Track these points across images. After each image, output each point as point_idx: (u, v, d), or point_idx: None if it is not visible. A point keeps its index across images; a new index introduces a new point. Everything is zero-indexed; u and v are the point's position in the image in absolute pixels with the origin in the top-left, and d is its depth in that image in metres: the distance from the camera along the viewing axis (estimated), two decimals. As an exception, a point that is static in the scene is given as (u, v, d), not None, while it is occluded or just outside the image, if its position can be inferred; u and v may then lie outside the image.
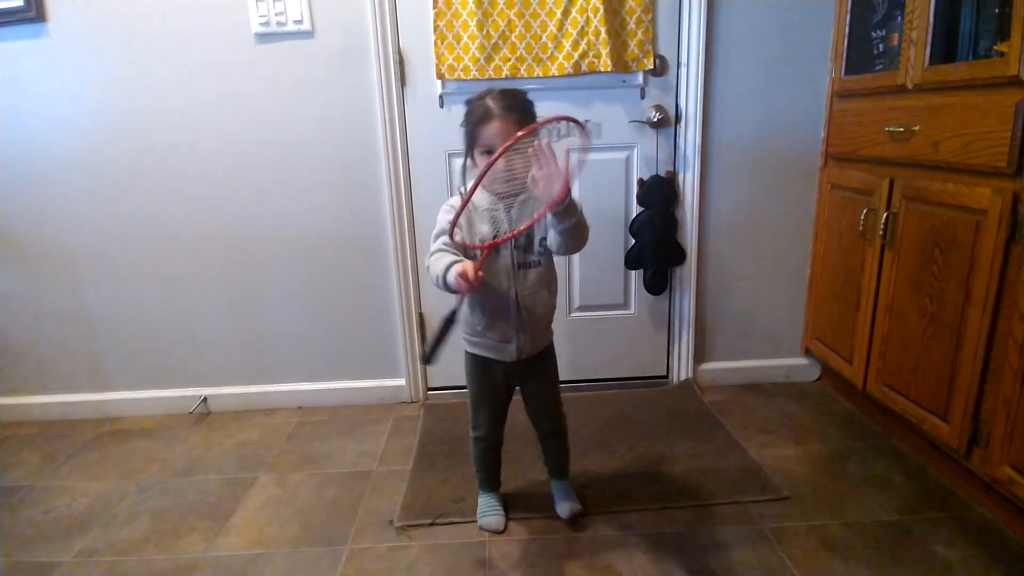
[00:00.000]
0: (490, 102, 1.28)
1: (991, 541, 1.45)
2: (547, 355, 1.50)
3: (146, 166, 2.09)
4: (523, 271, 1.36)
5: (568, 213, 1.20)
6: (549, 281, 1.40)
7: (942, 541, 1.46)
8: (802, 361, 2.34)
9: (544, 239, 1.34)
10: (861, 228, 1.86)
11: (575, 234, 1.24)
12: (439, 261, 1.29)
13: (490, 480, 1.61)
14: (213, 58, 2.01)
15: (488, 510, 1.58)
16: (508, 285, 1.35)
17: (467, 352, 1.48)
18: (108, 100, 2.03)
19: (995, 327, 1.44)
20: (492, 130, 1.27)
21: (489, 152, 1.25)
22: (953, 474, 1.67)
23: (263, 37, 1.99)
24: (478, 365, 1.46)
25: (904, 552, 1.43)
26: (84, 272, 2.18)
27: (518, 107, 1.29)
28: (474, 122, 1.30)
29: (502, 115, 1.26)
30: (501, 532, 1.54)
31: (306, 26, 1.98)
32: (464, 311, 1.38)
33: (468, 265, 1.23)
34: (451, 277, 1.25)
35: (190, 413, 2.28)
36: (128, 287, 2.20)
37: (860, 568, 1.38)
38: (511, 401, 1.53)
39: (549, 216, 1.21)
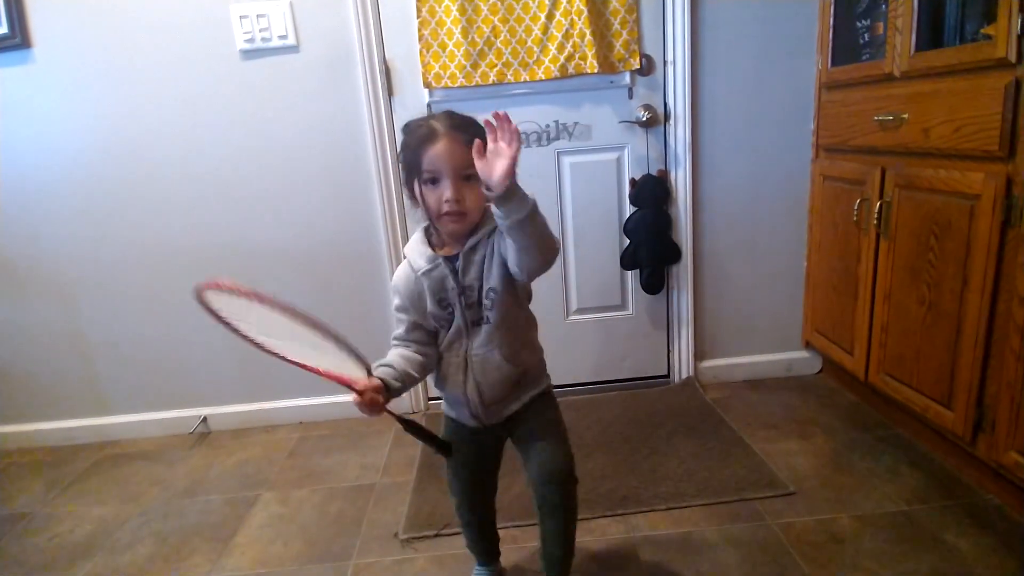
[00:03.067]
0: (434, 122, 1.07)
1: (1001, 527, 1.44)
2: (534, 410, 1.21)
3: (136, 186, 2.09)
4: (475, 328, 1.13)
5: (509, 199, 0.94)
6: (504, 339, 1.13)
7: (952, 530, 1.44)
8: (803, 354, 2.33)
9: (492, 289, 1.10)
10: (855, 218, 1.85)
11: (531, 235, 0.98)
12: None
13: (480, 552, 1.38)
14: (199, 77, 2.01)
15: None
16: (458, 345, 1.15)
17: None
18: (96, 122, 2.03)
19: (994, 311, 1.43)
20: (437, 151, 1.04)
21: (434, 180, 1.06)
22: (960, 461, 1.65)
23: (248, 54, 1.99)
24: (448, 424, 1.26)
25: (915, 542, 1.41)
26: (78, 295, 2.17)
27: (467, 127, 1.07)
28: (416, 143, 1.06)
29: (448, 133, 1.05)
30: None
31: (291, 41, 1.98)
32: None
33: (361, 395, 1.04)
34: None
35: (190, 433, 2.26)
36: (123, 308, 2.19)
37: (871, 561, 1.37)
38: (497, 470, 1.30)
39: (495, 212, 0.98)
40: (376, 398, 1.04)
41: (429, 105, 2.06)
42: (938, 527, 1.46)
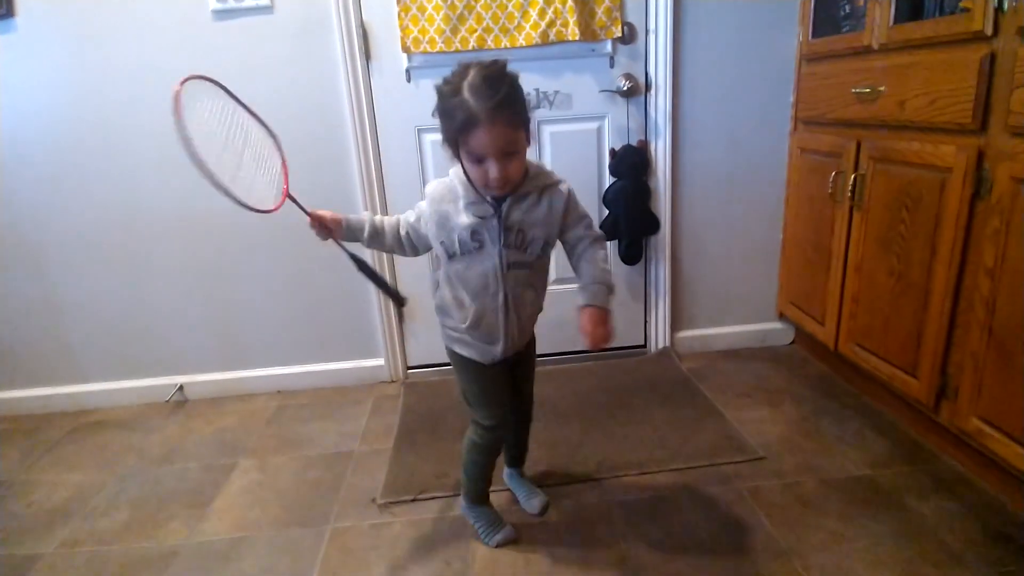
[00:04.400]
0: (472, 101, 1.03)
1: (962, 491, 1.49)
2: (529, 350, 1.41)
3: (109, 152, 2.04)
4: (512, 271, 1.21)
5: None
6: (535, 280, 1.27)
7: (914, 493, 1.50)
8: (777, 325, 2.37)
9: (547, 243, 1.23)
10: (831, 191, 1.87)
11: None
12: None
13: (486, 492, 1.46)
14: (171, 39, 1.95)
15: (496, 526, 1.44)
16: (496, 287, 1.21)
17: (450, 350, 1.34)
18: (72, 88, 1.98)
19: (961, 283, 1.46)
20: (480, 139, 1.05)
21: (478, 160, 1.08)
22: (923, 428, 1.71)
23: (221, 14, 1.94)
24: (467, 362, 1.32)
25: (877, 505, 1.47)
26: (52, 263, 2.13)
27: (506, 102, 1.05)
28: (457, 127, 1.06)
29: (490, 120, 1.03)
30: (516, 539, 1.44)
31: (264, 1, 1.92)
32: (442, 302, 1.30)
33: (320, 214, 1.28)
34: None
35: (166, 402, 2.25)
36: (97, 276, 2.15)
37: (834, 522, 1.42)
38: (511, 385, 1.39)
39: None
40: (323, 222, 1.28)
41: (408, 70, 2.03)
42: (901, 491, 1.51)
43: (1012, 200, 1.31)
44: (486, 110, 1.03)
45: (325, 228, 1.28)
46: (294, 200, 1.30)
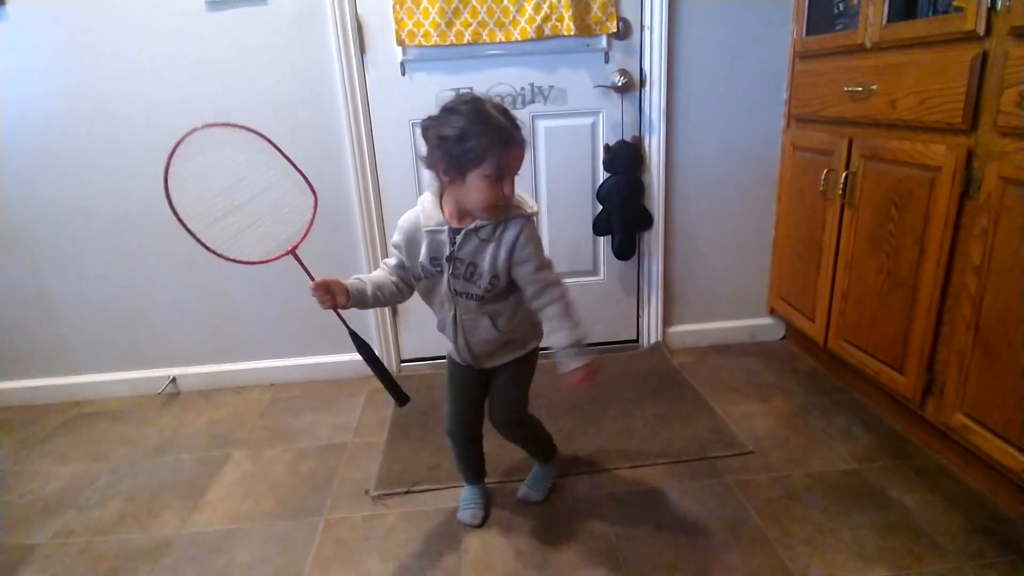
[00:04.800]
0: (507, 123, 1.11)
1: (946, 485, 1.52)
2: (512, 365, 1.38)
3: (102, 144, 2.03)
4: (460, 298, 1.26)
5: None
6: (497, 314, 1.28)
7: (898, 486, 1.52)
8: (767, 321, 2.39)
9: (496, 276, 1.22)
10: (822, 188, 1.89)
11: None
12: None
13: (468, 475, 1.54)
14: (165, 28, 1.94)
15: (467, 504, 1.52)
16: (448, 306, 1.28)
17: None
18: (64, 78, 1.97)
19: (948, 280, 1.48)
20: (516, 157, 1.14)
21: (497, 178, 1.12)
22: (909, 423, 1.73)
23: (214, 4, 1.92)
24: (449, 356, 1.43)
25: (863, 498, 1.49)
26: (44, 254, 2.12)
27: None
28: (490, 141, 1.09)
29: (520, 141, 1.13)
30: (477, 526, 1.48)
31: (259, -8, 1.92)
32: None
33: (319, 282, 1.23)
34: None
35: (159, 394, 2.26)
36: (90, 268, 2.15)
37: (820, 515, 1.44)
38: (484, 399, 1.44)
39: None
40: (327, 287, 1.22)
41: (402, 64, 2.03)
42: (885, 484, 1.54)
43: (1000, 199, 1.32)
44: (518, 131, 1.13)
45: (329, 294, 1.22)
46: (299, 260, 1.29)
